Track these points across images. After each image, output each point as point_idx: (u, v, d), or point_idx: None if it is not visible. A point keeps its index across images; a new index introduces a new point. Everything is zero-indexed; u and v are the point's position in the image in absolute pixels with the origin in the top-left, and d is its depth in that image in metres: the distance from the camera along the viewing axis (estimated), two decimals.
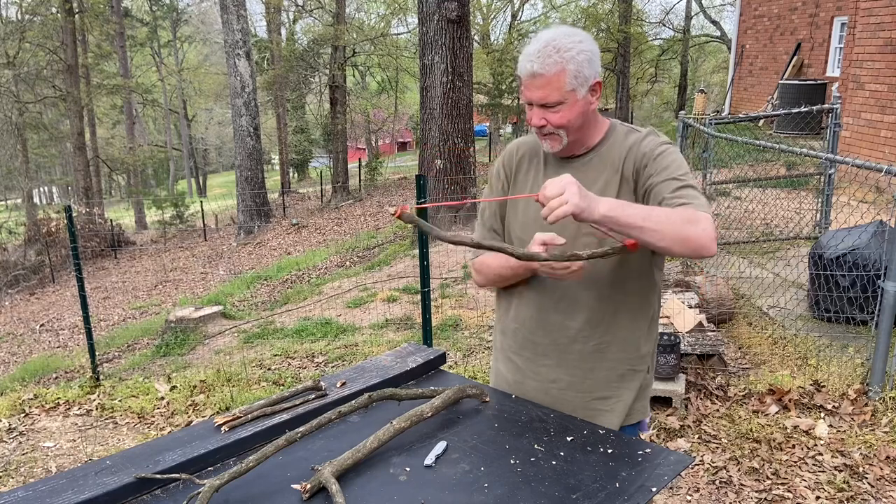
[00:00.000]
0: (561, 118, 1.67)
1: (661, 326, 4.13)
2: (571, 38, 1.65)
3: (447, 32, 8.16)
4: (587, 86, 1.67)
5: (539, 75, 1.64)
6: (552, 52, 1.62)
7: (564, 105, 1.66)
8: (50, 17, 20.86)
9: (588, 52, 1.65)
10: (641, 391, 1.86)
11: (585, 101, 1.68)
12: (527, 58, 1.65)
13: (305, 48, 24.46)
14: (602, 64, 2.69)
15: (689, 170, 1.70)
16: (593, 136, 1.76)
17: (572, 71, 1.63)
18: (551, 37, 1.65)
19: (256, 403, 1.71)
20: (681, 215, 1.54)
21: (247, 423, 1.65)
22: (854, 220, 5.06)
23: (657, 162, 1.67)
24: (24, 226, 20.00)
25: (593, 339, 1.78)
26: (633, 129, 1.77)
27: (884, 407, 3.52)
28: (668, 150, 1.69)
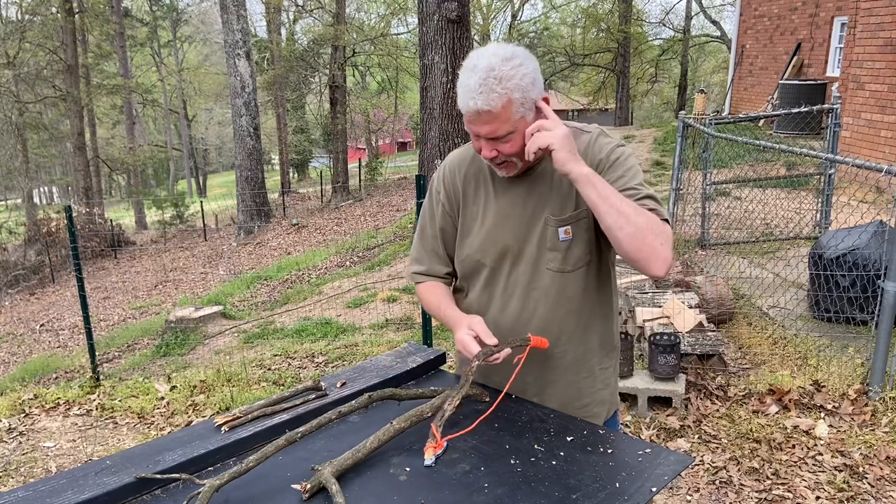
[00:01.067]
0: (513, 147, 1.58)
1: (661, 327, 4.13)
2: (511, 63, 1.52)
3: (447, 32, 8.16)
4: (534, 108, 1.58)
5: (485, 112, 1.53)
6: (494, 85, 1.50)
7: (515, 133, 1.56)
8: (50, 17, 20.87)
9: (530, 74, 1.54)
10: (615, 382, 1.91)
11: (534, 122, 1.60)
12: (467, 93, 1.53)
13: (305, 48, 24.47)
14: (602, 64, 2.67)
15: (640, 174, 1.65)
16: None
17: (518, 99, 1.53)
18: (488, 66, 1.51)
19: (256, 403, 1.71)
20: (651, 220, 1.51)
21: (247, 423, 1.65)
22: (854, 220, 5.07)
23: (614, 168, 1.61)
24: (24, 226, 20.01)
25: (570, 352, 1.76)
26: (581, 131, 1.68)
27: (884, 407, 3.52)
28: (623, 155, 1.64)
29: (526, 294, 1.72)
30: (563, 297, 1.71)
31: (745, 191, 7.57)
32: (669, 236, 1.52)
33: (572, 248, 1.66)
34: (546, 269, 1.69)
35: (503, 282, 1.74)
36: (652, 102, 35.57)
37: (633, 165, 1.64)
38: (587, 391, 1.81)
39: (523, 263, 1.71)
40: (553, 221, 1.66)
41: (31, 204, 23.20)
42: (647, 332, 4.07)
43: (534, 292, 1.72)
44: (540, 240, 1.68)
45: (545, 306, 1.71)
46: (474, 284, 1.80)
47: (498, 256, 1.73)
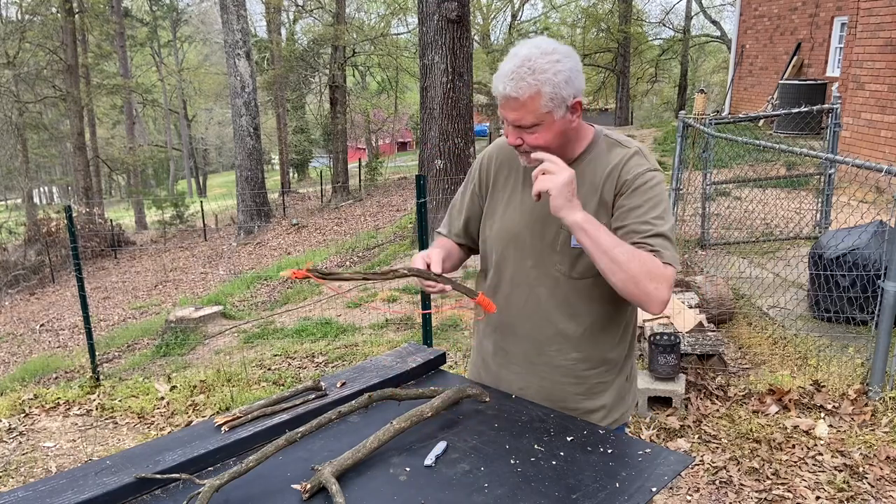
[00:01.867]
0: (537, 139, 1.60)
1: (661, 327, 4.12)
2: (549, 58, 1.54)
3: (447, 32, 8.16)
4: (565, 106, 1.58)
5: (512, 98, 1.56)
6: (526, 74, 1.53)
7: (541, 126, 1.58)
8: (50, 17, 20.87)
9: (566, 72, 1.55)
10: (618, 400, 1.83)
11: (564, 121, 1.60)
12: (500, 78, 1.56)
13: (305, 48, 24.47)
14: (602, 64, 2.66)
15: (668, 206, 1.64)
16: (575, 149, 1.69)
17: (548, 93, 1.54)
18: (527, 55, 1.54)
19: (256, 403, 1.71)
20: (647, 266, 1.53)
21: (247, 423, 1.65)
22: (854, 220, 5.06)
23: (636, 194, 1.61)
24: (24, 226, 20.01)
25: (562, 354, 1.76)
26: (618, 144, 1.69)
27: (884, 407, 3.52)
28: (651, 182, 1.63)
29: (531, 288, 1.74)
30: (567, 301, 1.71)
31: (745, 191, 7.57)
32: (668, 278, 1.54)
33: (583, 256, 1.65)
34: (554, 270, 1.71)
35: (512, 270, 1.77)
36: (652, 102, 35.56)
37: (657, 195, 1.62)
38: (572, 398, 1.79)
39: (532, 258, 1.73)
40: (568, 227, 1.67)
41: (31, 204, 23.20)
42: (647, 332, 4.07)
43: (540, 289, 1.73)
44: (553, 240, 1.70)
45: (548, 305, 1.73)
46: (490, 267, 1.83)
47: (510, 245, 1.76)
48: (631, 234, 1.59)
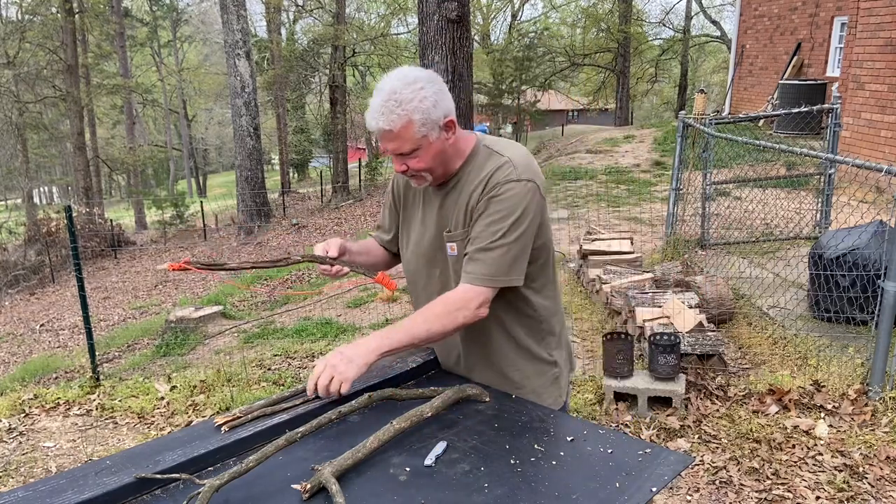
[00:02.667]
0: (419, 162, 1.71)
1: (661, 327, 4.13)
2: (412, 87, 1.65)
3: (447, 32, 8.15)
4: (438, 127, 1.69)
5: (387, 131, 1.67)
6: (394, 107, 1.63)
7: (420, 150, 1.69)
8: (50, 17, 20.87)
9: (431, 97, 1.66)
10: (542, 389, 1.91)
11: (440, 140, 1.71)
12: (372, 114, 1.67)
13: (305, 48, 24.48)
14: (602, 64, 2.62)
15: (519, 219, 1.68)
16: (455, 164, 1.79)
17: (419, 120, 1.65)
18: (391, 89, 1.65)
19: (256, 403, 1.71)
20: (439, 311, 1.69)
21: (247, 423, 1.65)
22: (854, 220, 5.06)
23: (490, 203, 1.70)
24: (24, 226, 20.00)
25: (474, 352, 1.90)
26: (494, 154, 1.76)
27: (884, 407, 3.52)
28: (506, 193, 1.69)
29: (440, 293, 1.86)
30: None
31: (745, 191, 7.57)
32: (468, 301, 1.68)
33: (458, 262, 1.79)
34: (451, 279, 1.85)
35: (418, 283, 1.95)
36: (652, 102, 35.59)
37: (508, 207, 1.69)
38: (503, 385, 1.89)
39: (438, 267, 1.89)
40: (447, 236, 1.81)
41: (31, 204, 23.21)
42: (647, 332, 4.07)
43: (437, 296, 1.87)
44: (443, 251, 1.84)
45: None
46: (408, 280, 2.01)
47: (416, 259, 1.93)
48: (470, 242, 1.72)
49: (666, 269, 5.36)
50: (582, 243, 6.24)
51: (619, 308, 4.95)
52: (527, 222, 1.70)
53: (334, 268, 1.92)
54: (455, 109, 1.73)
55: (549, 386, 1.92)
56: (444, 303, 1.71)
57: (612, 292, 5.09)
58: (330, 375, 1.62)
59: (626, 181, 10.68)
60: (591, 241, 6.19)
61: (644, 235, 7.41)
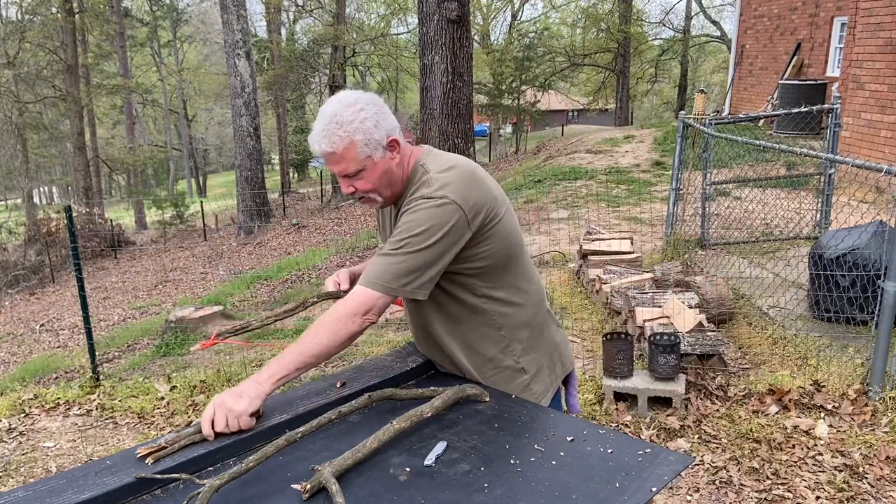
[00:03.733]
0: (366, 183, 1.74)
1: (661, 326, 4.13)
2: (352, 108, 1.67)
3: (447, 32, 8.16)
4: (381, 147, 1.71)
5: (330, 153, 1.69)
6: (336, 129, 1.66)
7: (365, 171, 1.72)
8: (50, 17, 20.88)
9: (372, 118, 1.68)
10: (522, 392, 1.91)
11: (385, 160, 1.73)
12: (314, 138, 1.69)
13: (305, 48, 24.49)
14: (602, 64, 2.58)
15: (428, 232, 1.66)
16: (402, 184, 1.81)
17: (361, 141, 1.67)
18: (332, 112, 1.67)
19: (184, 431, 1.60)
20: (327, 321, 1.68)
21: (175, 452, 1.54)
22: (854, 220, 5.06)
23: (404, 216, 1.71)
24: (24, 226, 20.00)
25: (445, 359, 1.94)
26: (423, 172, 1.76)
27: (884, 407, 3.52)
28: (420, 206, 1.68)
29: (412, 311, 1.97)
30: (432, 316, 1.89)
31: (745, 191, 7.56)
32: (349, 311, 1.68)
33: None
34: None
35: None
36: (652, 102, 35.59)
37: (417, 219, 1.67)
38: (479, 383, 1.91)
39: None
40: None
41: (31, 204, 23.21)
42: (647, 332, 4.07)
43: (413, 310, 1.96)
44: None
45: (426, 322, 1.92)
46: None
47: None
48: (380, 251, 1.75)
49: (666, 269, 5.36)
50: (582, 243, 6.24)
51: (619, 308, 4.95)
52: (434, 238, 1.66)
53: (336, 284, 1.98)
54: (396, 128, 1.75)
55: (520, 392, 1.90)
56: (333, 313, 1.70)
57: (612, 292, 5.09)
58: (222, 414, 1.57)
59: (626, 181, 10.67)
60: (591, 241, 6.19)
61: (644, 235, 7.40)
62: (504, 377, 1.90)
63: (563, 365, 2.04)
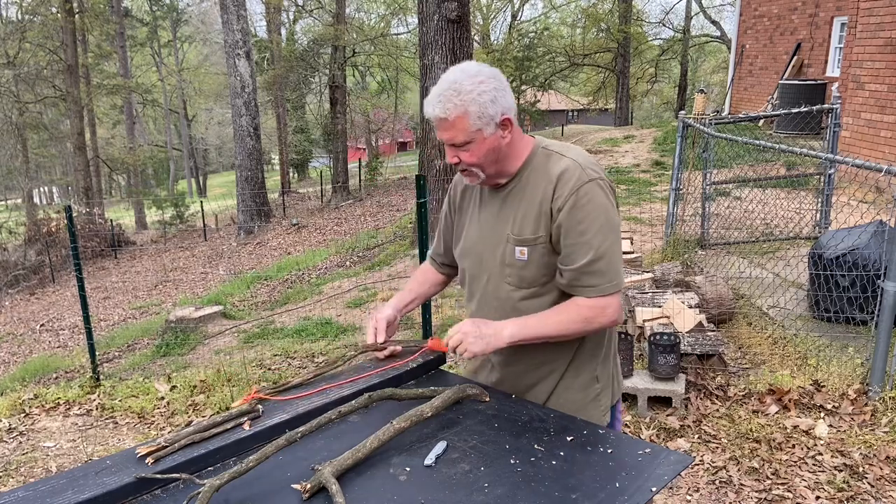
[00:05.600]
0: (471, 156, 1.70)
1: (661, 326, 4.13)
2: (473, 80, 1.65)
3: (447, 32, 8.16)
4: (494, 123, 1.68)
5: (443, 119, 1.67)
6: (452, 96, 1.64)
7: (473, 144, 1.68)
8: (50, 17, 20.87)
9: (491, 92, 1.65)
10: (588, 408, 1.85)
11: (495, 137, 1.69)
12: (430, 101, 1.68)
13: (305, 48, 24.48)
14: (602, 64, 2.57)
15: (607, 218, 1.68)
16: (514, 165, 1.77)
17: (475, 112, 1.65)
18: (453, 79, 1.66)
19: (184, 431, 1.61)
20: (577, 317, 1.69)
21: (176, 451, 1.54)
22: (854, 220, 5.06)
23: (572, 212, 1.66)
24: (24, 226, 20.00)
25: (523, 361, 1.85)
26: (554, 154, 1.75)
27: (884, 407, 3.52)
28: (585, 197, 1.66)
29: (487, 302, 1.85)
30: (516, 311, 1.78)
31: (745, 191, 7.56)
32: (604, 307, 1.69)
33: (527, 267, 1.75)
34: (505, 283, 1.80)
35: (473, 286, 1.91)
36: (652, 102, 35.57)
37: (592, 210, 1.67)
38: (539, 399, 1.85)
39: (487, 273, 1.84)
40: (512, 240, 1.76)
41: (31, 204, 23.21)
42: (647, 332, 4.07)
43: (494, 301, 1.83)
44: (502, 254, 1.79)
45: (500, 315, 1.80)
46: (462, 284, 1.97)
47: (472, 262, 1.89)
48: (573, 258, 1.68)
49: (666, 269, 5.36)
50: None
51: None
52: (613, 217, 1.71)
53: (388, 349, 1.96)
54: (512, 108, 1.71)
55: (589, 402, 1.85)
56: (577, 309, 1.70)
57: None
58: (459, 340, 1.69)
59: (626, 181, 10.67)
60: None
61: (644, 235, 7.40)
62: (581, 383, 1.84)
63: (619, 384, 1.98)
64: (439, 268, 2.12)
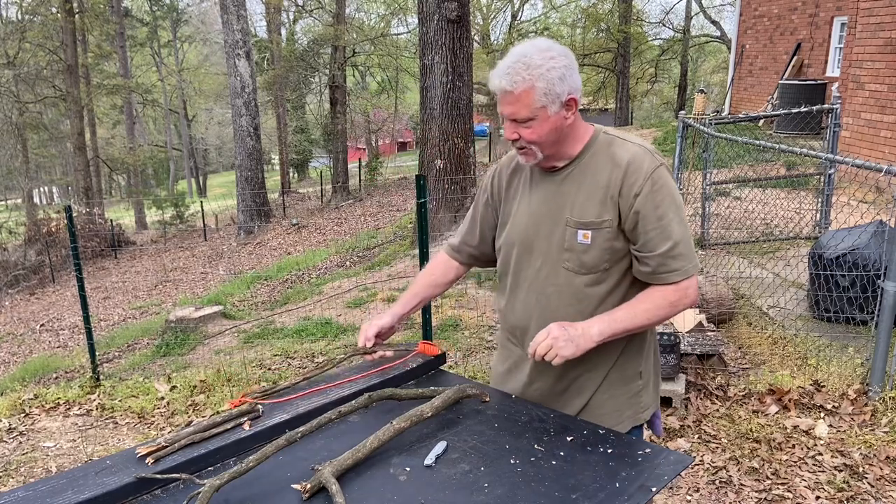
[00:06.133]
0: (532, 133, 1.66)
1: (661, 326, 4.12)
2: (544, 55, 1.61)
3: (447, 32, 8.16)
4: (559, 102, 1.64)
5: (508, 92, 1.63)
6: (521, 69, 1.60)
7: (535, 121, 1.64)
8: (50, 17, 20.87)
9: (560, 69, 1.62)
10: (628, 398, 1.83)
11: (558, 116, 1.66)
12: (497, 73, 1.64)
13: (305, 48, 24.48)
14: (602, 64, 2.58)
15: (678, 199, 1.69)
16: (574, 148, 1.73)
17: (541, 88, 1.61)
18: (523, 52, 1.62)
19: (184, 431, 1.61)
20: (664, 303, 1.68)
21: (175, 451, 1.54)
22: (854, 220, 5.06)
23: (651, 199, 1.65)
24: (24, 226, 19.99)
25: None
26: (619, 140, 1.73)
27: (884, 407, 3.52)
28: (659, 182, 1.66)
29: (540, 288, 1.77)
30: (576, 297, 1.74)
31: (745, 191, 7.56)
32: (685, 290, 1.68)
33: (590, 251, 1.70)
34: (562, 268, 1.74)
35: (520, 272, 1.82)
36: (652, 102, 35.55)
37: (667, 194, 1.67)
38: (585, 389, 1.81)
39: (539, 258, 1.77)
40: (573, 223, 1.71)
41: (31, 204, 23.20)
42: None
43: (549, 288, 1.76)
44: (560, 238, 1.73)
45: (557, 302, 1.75)
46: (506, 273, 1.88)
47: (521, 248, 1.80)
48: (653, 245, 1.66)
49: None
50: None
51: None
52: (681, 200, 1.72)
53: (377, 354, 1.93)
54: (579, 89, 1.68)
55: (630, 399, 1.83)
56: (663, 295, 1.68)
57: None
58: (549, 346, 1.61)
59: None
60: None
61: None
62: (626, 377, 1.82)
63: (659, 384, 1.96)
64: (464, 259, 2.03)
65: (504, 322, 1.93)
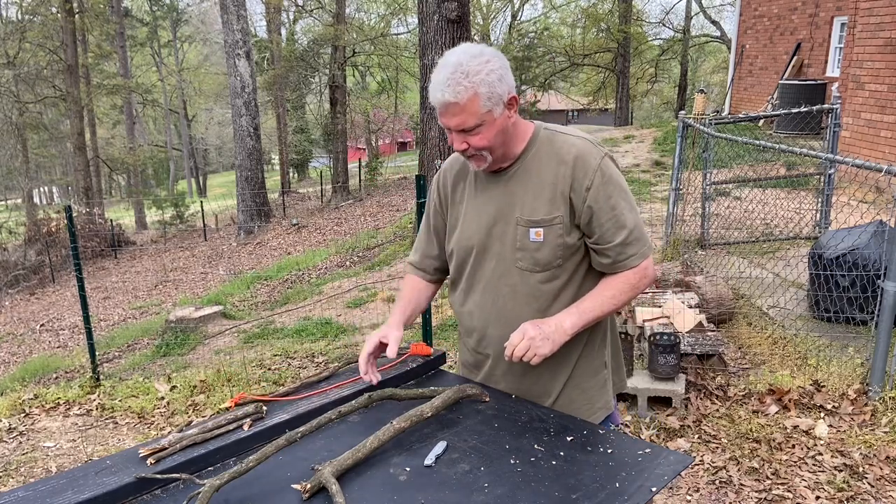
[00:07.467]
0: (481, 140, 1.66)
1: (661, 327, 4.12)
2: (478, 60, 1.62)
3: (447, 32, 8.16)
4: (502, 103, 1.65)
5: (452, 103, 1.62)
6: (461, 79, 1.60)
7: (483, 126, 1.65)
8: (50, 17, 20.88)
9: (498, 71, 1.63)
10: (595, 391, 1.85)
11: (503, 117, 1.67)
12: (437, 87, 1.63)
13: (305, 48, 24.48)
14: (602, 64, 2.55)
15: (625, 187, 1.72)
16: (517, 147, 1.75)
17: (485, 94, 1.61)
18: (457, 62, 1.61)
19: (188, 432, 1.60)
20: (626, 287, 1.72)
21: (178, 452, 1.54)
22: (854, 220, 5.06)
23: (602, 191, 1.68)
24: (24, 226, 20.00)
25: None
26: (560, 134, 1.75)
27: (884, 407, 3.52)
28: (611, 172, 1.70)
29: (495, 289, 1.79)
30: (532, 295, 1.76)
31: (745, 191, 7.56)
32: (643, 271, 1.74)
33: (542, 249, 1.72)
34: (516, 267, 1.75)
35: (474, 275, 1.84)
36: (652, 102, 35.56)
37: (619, 184, 1.71)
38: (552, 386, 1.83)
39: (492, 259, 1.78)
40: (524, 222, 1.72)
41: (31, 204, 23.21)
42: (647, 332, 4.07)
43: (504, 288, 1.78)
44: (511, 238, 1.74)
45: (513, 302, 1.77)
46: (459, 276, 1.90)
47: (469, 252, 1.82)
48: (607, 238, 1.70)
49: (666, 269, 5.36)
50: None
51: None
52: (627, 186, 1.75)
53: (367, 376, 1.87)
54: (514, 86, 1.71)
55: (600, 388, 1.85)
56: (624, 279, 1.72)
57: None
58: (527, 346, 1.62)
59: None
60: None
61: None
62: (592, 368, 1.84)
63: (621, 369, 1.97)
64: (430, 275, 2.02)
65: (461, 325, 1.95)
